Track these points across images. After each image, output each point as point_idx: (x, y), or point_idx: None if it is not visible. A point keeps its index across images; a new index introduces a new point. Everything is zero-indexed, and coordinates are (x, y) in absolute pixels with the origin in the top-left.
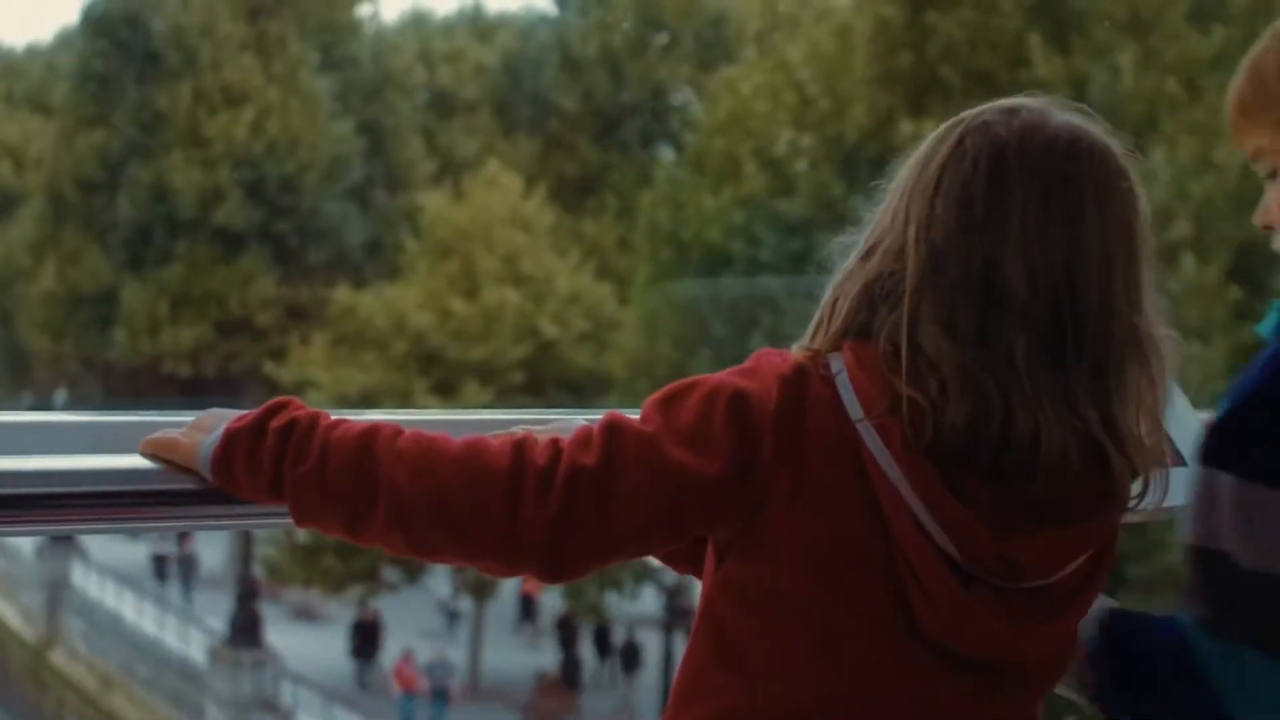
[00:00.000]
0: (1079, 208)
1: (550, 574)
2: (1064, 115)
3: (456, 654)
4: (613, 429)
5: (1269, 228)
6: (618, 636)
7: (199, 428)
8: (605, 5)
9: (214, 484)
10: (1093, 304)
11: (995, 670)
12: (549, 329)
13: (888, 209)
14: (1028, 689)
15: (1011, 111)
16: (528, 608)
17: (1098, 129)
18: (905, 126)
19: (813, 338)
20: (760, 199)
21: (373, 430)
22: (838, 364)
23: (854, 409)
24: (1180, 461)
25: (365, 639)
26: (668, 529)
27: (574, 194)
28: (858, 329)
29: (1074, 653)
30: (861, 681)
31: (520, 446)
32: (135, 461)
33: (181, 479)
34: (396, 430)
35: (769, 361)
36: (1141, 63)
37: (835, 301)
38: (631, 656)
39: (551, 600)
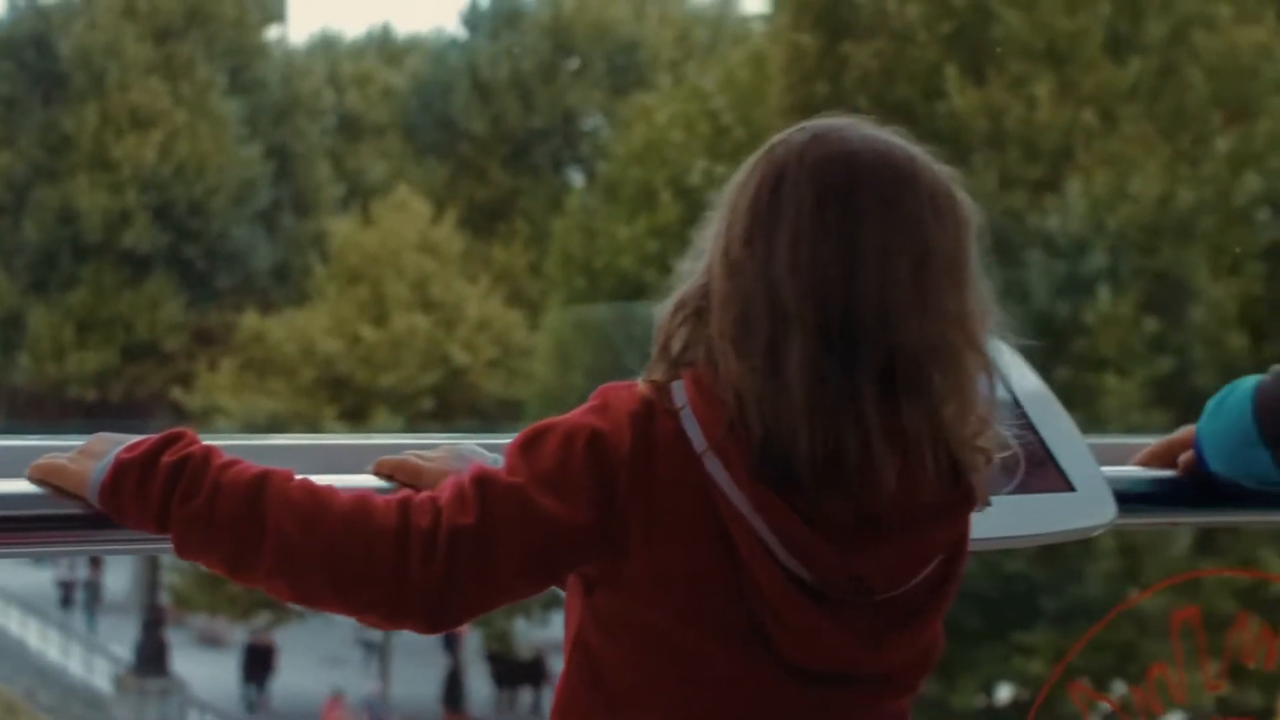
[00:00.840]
0: (854, 218)
1: (431, 628)
2: (861, 131)
3: (363, 685)
4: (484, 484)
5: None
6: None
7: (88, 454)
8: (516, 30)
9: (101, 511)
10: (873, 313)
11: (855, 681)
12: (459, 356)
13: (705, 232)
14: (893, 692)
15: (803, 129)
16: (450, 638)
17: (897, 143)
18: None
19: (653, 368)
20: (675, 228)
21: (265, 475)
22: (680, 396)
23: (697, 440)
24: (1065, 484)
25: (257, 663)
26: (542, 575)
27: (484, 219)
28: (693, 356)
29: (937, 650)
30: (723, 706)
31: (405, 507)
32: (21, 486)
33: (69, 504)
34: (288, 477)
35: (617, 398)
36: (1058, 93)
37: (668, 329)
38: (538, 681)
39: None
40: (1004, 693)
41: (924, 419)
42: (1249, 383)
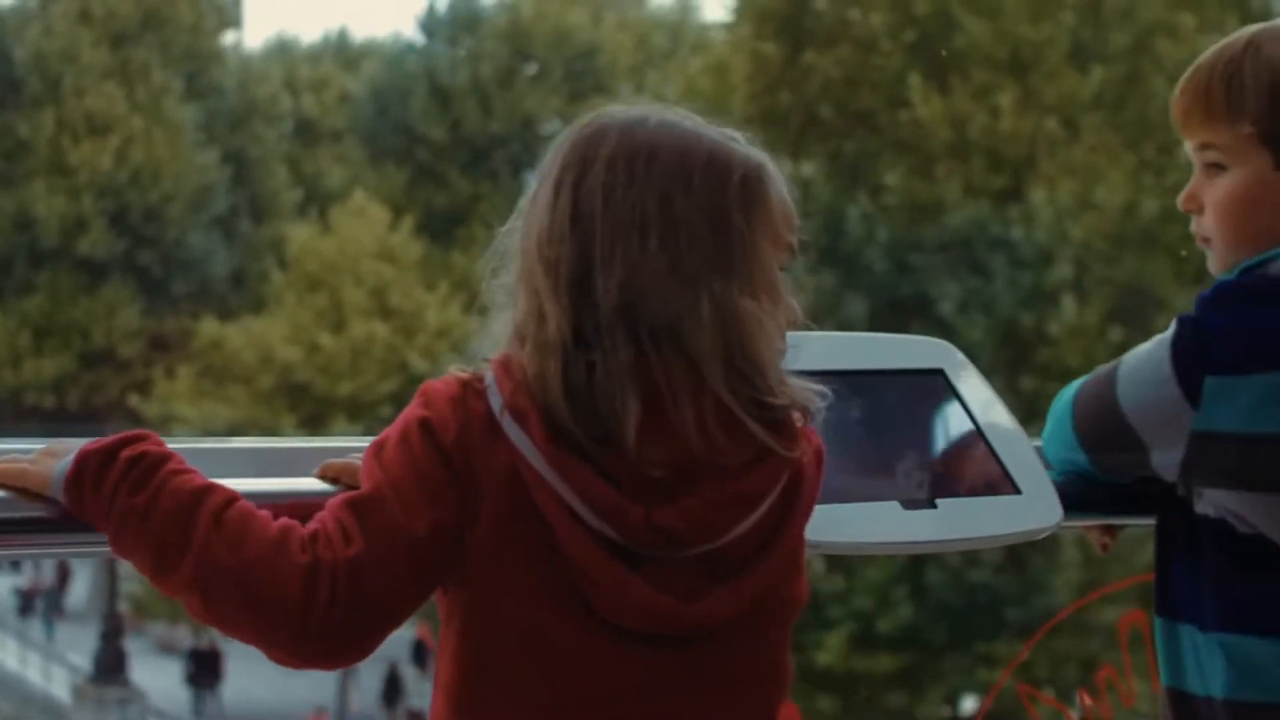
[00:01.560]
0: (607, 189)
1: (334, 665)
2: (650, 115)
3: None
4: (358, 509)
5: (1191, 211)
6: None
7: (50, 454)
8: (474, 35)
9: (65, 506)
10: (659, 281)
11: (686, 640)
12: (418, 363)
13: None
14: (734, 647)
15: (599, 115)
16: (419, 652)
17: (688, 126)
18: (784, 166)
19: (473, 356)
20: None
21: (209, 489)
22: (489, 376)
23: (504, 415)
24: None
25: (203, 667)
26: (429, 581)
27: (443, 225)
28: (507, 339)
29: (784, 601)
30: (568, 680)
31: (309, 545)
32: None
33: (32, 507)
34: (231, 498)
35: (435, 389)
36: (1021, 102)
37: (486, 316)
38: None
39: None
40: (969, 704)
41: (718, 374)
42: (1073, 387)
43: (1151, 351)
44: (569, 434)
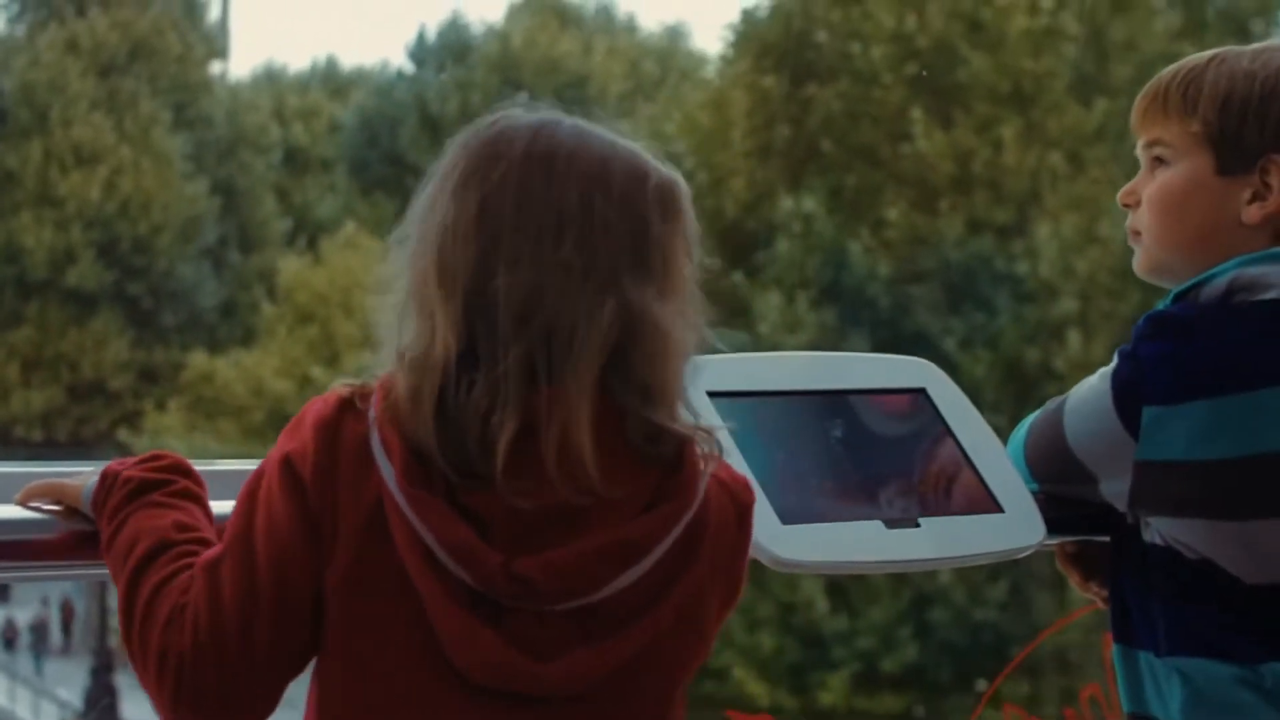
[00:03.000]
0: (521, 188)
1: None
2: (561, 118)
3: None
4: (210, 575)
5: (1128, 206)
6: None
7: (85, 473)
8: (463, 64)
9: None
10: (539, 300)
11: (542, 701)
12: None
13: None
14: (616, 709)
15: (493, 122)
16: None
17: (601, 130)
18: (785, 201)
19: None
20: None
21: (142, 536)
22: (375, 396)
23: (375, 442)
24: (990, 507)
25: None
26: (297, 648)
27: None
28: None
29: (669, 668)
30: None
31: (169, 628)
32: (13, 511)
33: (68, 523)
34: (154, 551)
35: (313, 409)
36: (1024, 136)
37: (380, 328)
38: None
39: None
40: None
41: (614, 387)
42: (1025, 423)
43: (1094, 385)
44: (434, 463)
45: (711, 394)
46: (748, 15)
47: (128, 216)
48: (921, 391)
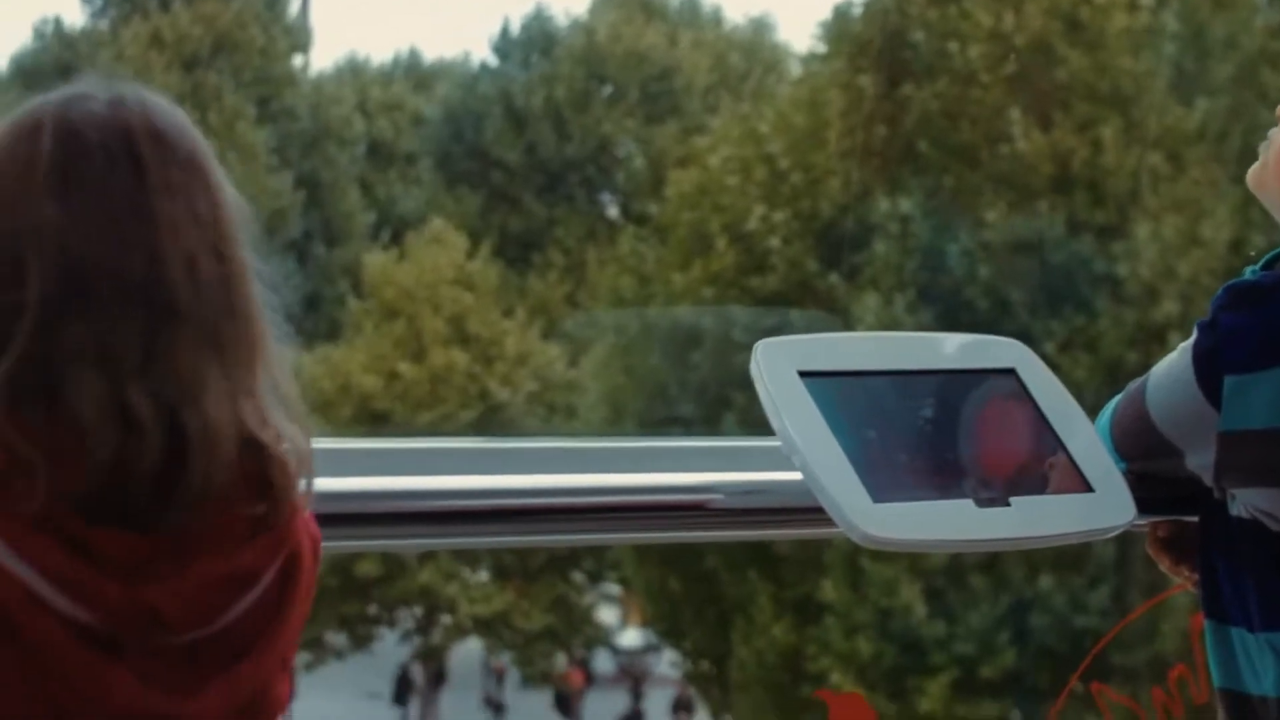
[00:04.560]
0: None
1: None
2: (113, 96)
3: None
4: None
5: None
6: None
7: None
8: (548, 57)
9: None
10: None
11: None
12: (498, 391)
13: None
14: None
15: (57, 96)
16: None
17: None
18: (882, 202)
19: None
20: (731, 275)
21: None
22: None
23: None
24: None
25: None
26: None
27: (518, 249)
28: None
29: (273, 701)
30: None
31: None
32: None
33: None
34: None
35: None
36: (1124, 136)
37: None
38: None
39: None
40: None
41: (199, 426)
42: (1111, 404)
43: (1175, 359)
44: (25, 499)
45: (802, 374)
46: (840, 13)
47: None
48: (1011, 372)
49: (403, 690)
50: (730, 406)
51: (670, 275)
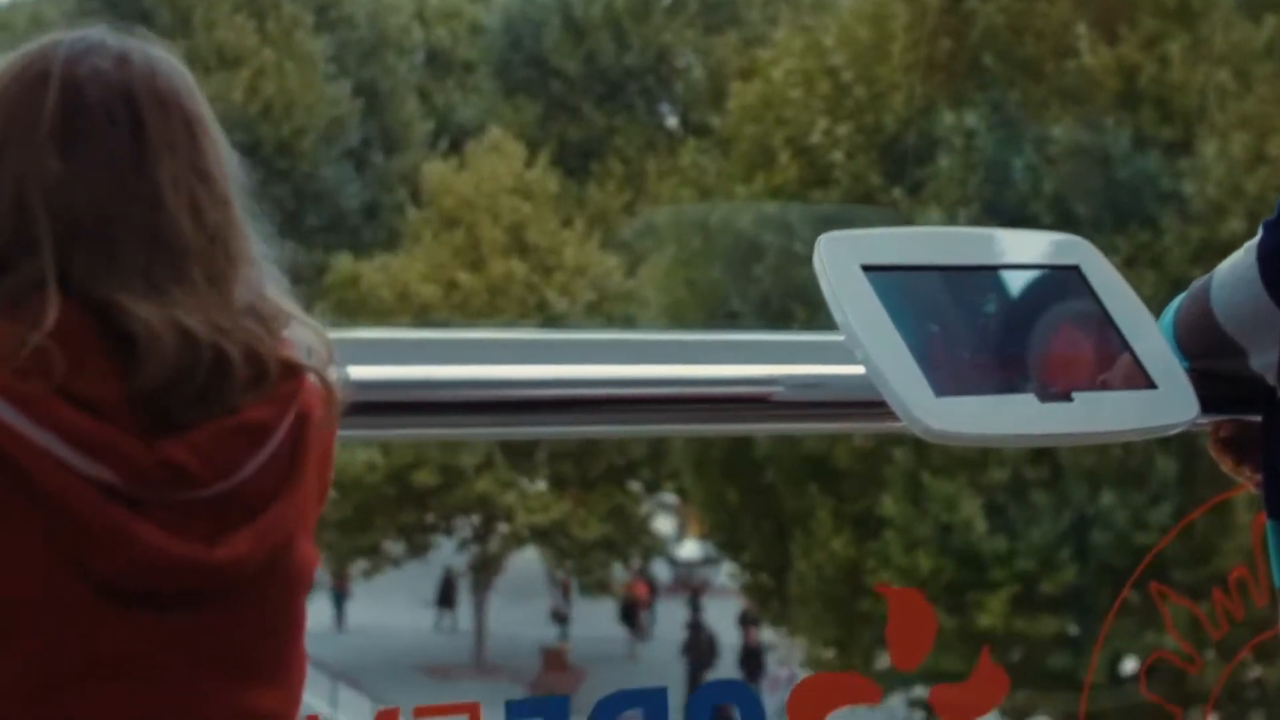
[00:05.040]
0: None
1: None
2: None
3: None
4: None
5: None
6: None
7: None
8: None
9: None
10: (120, 205)
11: (195, 599)
12: (557, 301)
13: None
14: (244, 607)
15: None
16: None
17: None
18: (946, 116)
19: None
20: (794, 189)
21: None
22: None
23: None
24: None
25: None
26: None
27: (577, 159)
28: None
29: (299, 561)
30: (52, 663)
31: None
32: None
33: None
34: None
35: None
36: (1191, 53)
37: None
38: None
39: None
40: (1130, 665)
41: (209, 304)
42: (1175, 303)
43: (1240, 259)
44: (43, 364)
45: (866, 268)
46: None
47: (271, 119)
48: (1075, 268)
49: (447, 593)
50: (792, 320)
51: (732, 188)
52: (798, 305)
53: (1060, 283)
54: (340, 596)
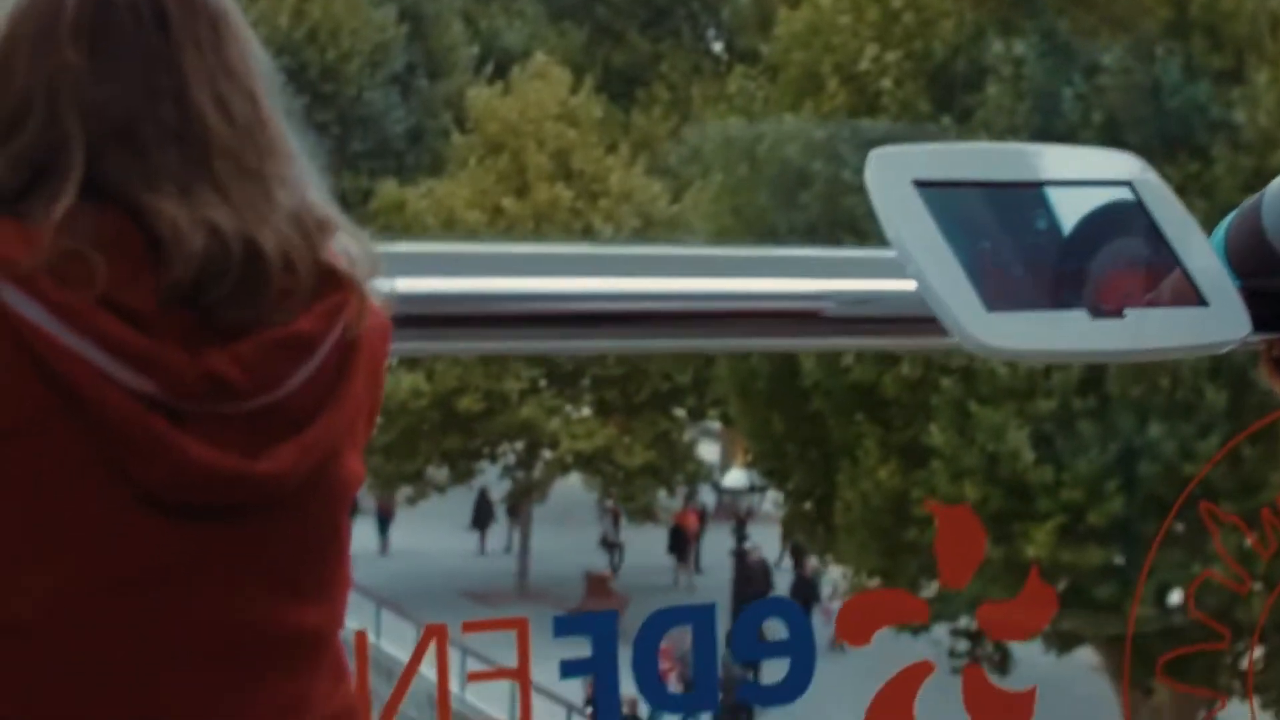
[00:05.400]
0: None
1: None
2: None
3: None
4: None
5: None
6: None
7: None
8: None
9: None
10: (172, 109)
11: (241, 512)
12: (602, 227)
13: None
14: (289, 519)
15: None
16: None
17: None
18: (995, 44)
19: None
20: (843, 116)
21: None
22: None
23: None
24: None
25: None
26: None
27: (622, 85)
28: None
29: (345, 475)
30: (91, 573)
31: None
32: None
33: None
34: None
35: None
36: None
37: None
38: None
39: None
40: (1176, 597)
41: (241, 202)
42: (1226, 221)
43: None
44: (81, 274)
45: (918, 183)
46: None
47: (316, 43)
48: (1128, 184)
49: (482, 514)
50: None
51: (780, 116)
52: (846, 233)
53: (1112, 199)
54: (384, 521)
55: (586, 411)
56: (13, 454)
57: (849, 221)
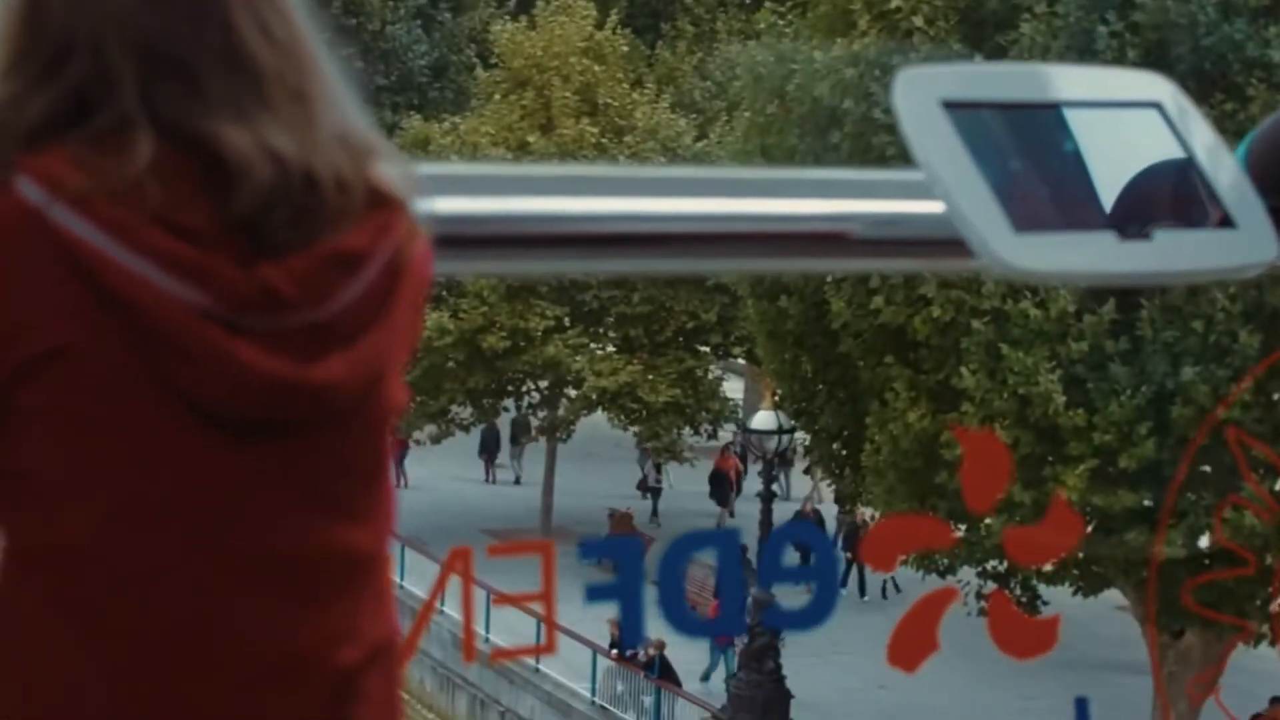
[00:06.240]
0: None
1: None
2: None
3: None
4: None
5: None
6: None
7: None
8: None
9: None
10: (213, 37)
11: (295, 425)
12: (627, 163)
13: None
14: (339, 433)
15: None
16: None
17: None
18: None
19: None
20: (873, 55)
21: None
22: (8, 169)
23: (38, 198)
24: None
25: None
26: None
27: (647, 18)
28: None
29: (391, 392)
30: (143, 494)
31: None
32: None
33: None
34: None
35: None
36: None
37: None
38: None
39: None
40: (1205, 541)
41: (292, 123)
42: (1250, 136)
43: None
44: (132, 193)
45: (946, 104)
46: None
47: None
48: (1156, 105)
49: (488, 444)
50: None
51: (810, 53)
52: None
53: (1141, 120)
54: (400, 455)
55: (611, 349)
56: (64, 372)
57: (880, 162)
